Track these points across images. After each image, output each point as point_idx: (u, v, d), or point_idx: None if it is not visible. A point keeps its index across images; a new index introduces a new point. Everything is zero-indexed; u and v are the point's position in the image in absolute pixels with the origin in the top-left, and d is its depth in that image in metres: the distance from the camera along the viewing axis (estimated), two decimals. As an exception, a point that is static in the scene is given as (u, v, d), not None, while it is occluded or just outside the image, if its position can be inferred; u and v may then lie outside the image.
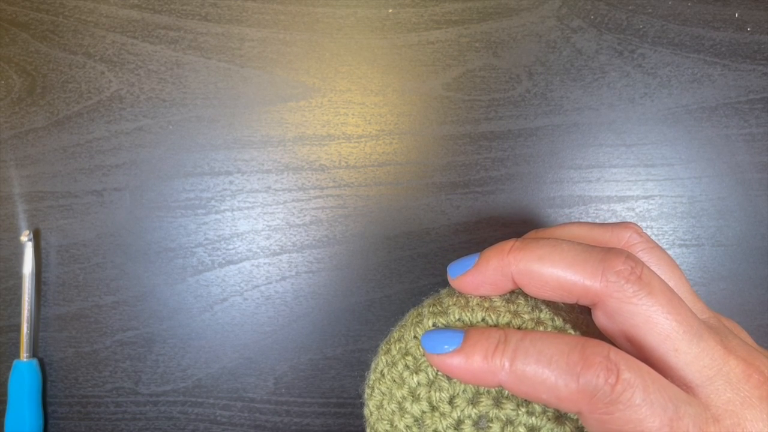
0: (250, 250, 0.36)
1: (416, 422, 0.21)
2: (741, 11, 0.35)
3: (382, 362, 0.24)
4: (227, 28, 0.36)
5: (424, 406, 0.21)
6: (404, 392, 0.22)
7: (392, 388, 0.22)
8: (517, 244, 0.20)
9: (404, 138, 0.35)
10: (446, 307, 0.22)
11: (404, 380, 0.22)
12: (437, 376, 0.21)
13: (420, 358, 0.22)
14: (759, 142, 0.35)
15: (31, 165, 0.36)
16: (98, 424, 0.36)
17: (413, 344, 0.22)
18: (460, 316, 0.22)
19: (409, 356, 0.22)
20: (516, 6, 0.35)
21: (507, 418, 0.20)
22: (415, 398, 0.21)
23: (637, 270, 0.18)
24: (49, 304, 0.36)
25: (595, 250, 0.19)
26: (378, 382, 0.24)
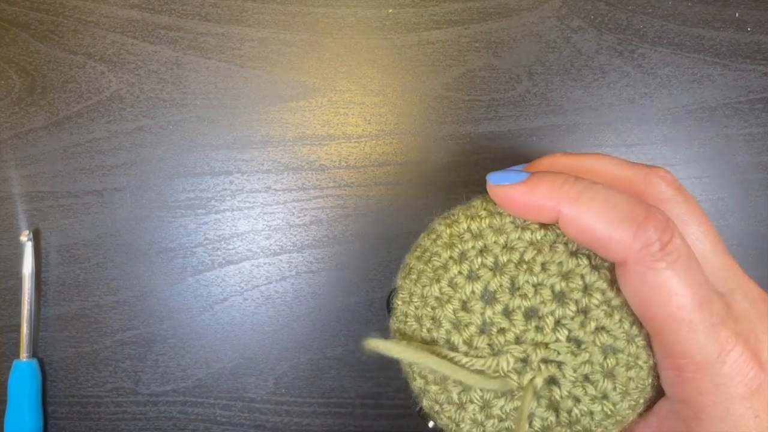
0: (250, 250, 0.36)
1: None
2: (741, 11, 0.35)
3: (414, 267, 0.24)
4: (227, 28, 0.36)
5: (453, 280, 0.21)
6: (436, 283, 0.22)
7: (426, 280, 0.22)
8: (572, 179, 0.20)
9: (404, 138, 0.35)
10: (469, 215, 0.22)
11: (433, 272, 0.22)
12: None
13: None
14: (759, 142, 0.35)
15: (31, 165, 0.36)
16: (98, 424, 0.36)
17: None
18: (487, 224, 0.22)
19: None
20: (516, 6, 0.35)
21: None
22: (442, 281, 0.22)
23: (666, 236, 0.19)
24: (49, 303, 0.36)
25: (637, 206, 0.19)
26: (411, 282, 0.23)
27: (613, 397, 0.20)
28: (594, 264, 0.20)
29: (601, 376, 0.20)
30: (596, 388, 0.20)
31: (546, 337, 0.20)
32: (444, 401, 0.22)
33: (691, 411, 0.19)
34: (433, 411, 0.23)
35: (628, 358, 0.20)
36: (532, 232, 0.21)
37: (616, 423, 0.21)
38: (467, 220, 0.22)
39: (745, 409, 0.18)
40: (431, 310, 0.22)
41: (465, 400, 0.21)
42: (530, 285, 0.20)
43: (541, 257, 0.20)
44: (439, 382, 0.22)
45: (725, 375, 0.18)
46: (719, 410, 0.19)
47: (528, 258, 0.20)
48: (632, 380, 0.20)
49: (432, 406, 0.23)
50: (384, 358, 0.35)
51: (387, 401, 0.35)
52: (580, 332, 0.20)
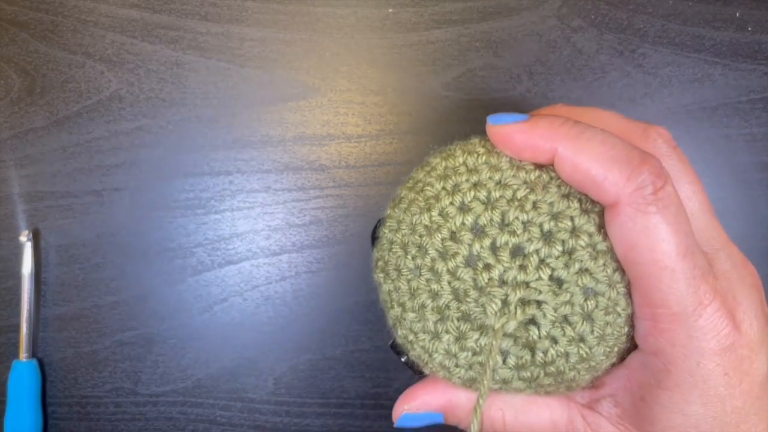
0: (249, 250, 0.36)
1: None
2: (742, 11, 0.35)
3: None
4: (227, 27, 0.36)
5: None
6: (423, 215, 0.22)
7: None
8: (571, 121, 0.20)
9: (404, 138, 0.35)
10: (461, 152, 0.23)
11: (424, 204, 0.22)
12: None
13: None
14: (759, 142, 0.35)
15: (31, 165, 0.36)
16: (98, 425, 0.36)
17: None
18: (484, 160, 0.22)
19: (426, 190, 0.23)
20: (516, 5, 0.35)
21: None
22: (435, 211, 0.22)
23: (659, 182, 0.19)
24: (49, 304, 0.36)
25: (633, 152, 0.19)
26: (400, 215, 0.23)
27: (589, 340, 0.21)
28: (584, 208, 0.21)
29: (580, 318, 0.20)
30: (574, 329, 0.20)
31: (529, 276, 0.20)
32: (419, 330, 0.22)
33: (661, 363, 0.19)
34: (407, 341, 0.23)
35: (608, 302, 0.20)
36: (527, 172, 0.21)
37: (589, 368, 0.21)
38: (464, 155, 0.23)
39: (716, 365, 0.19)
40: (419, 237, 0.22)
41: (441, 330, 0.21)
42: (520, 222, 0.20)
43: (533, 196, 0.21)
44: (417, 309, 0.22)
45: (700, 328, 0.18)
46: (689, 363, 0.19)
47: (520, 196, 0.21)
48: (609, 325, 0.21)
49: (406, 335, 0.23)
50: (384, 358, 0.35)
51: (387, 401, 0.35)
52: (564, 272, 0.20)
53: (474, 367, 0.22)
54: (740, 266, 0.21)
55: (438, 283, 0.21)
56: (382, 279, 0.24)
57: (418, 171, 0.24)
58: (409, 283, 0.22)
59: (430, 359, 0.22)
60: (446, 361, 0.22)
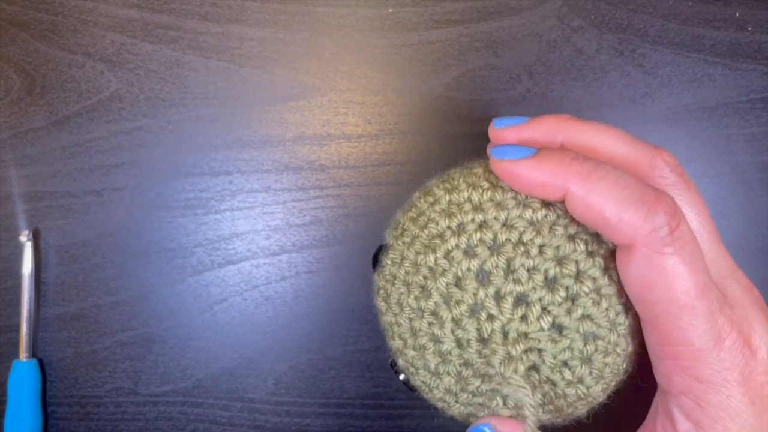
0: (249, 250, 0.36)
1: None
2: (742, 11, 0.35)
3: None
4: (227, 27, 0.36)
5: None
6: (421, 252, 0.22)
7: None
8: (581, 157, 0.20)
9: (404, 138, 0.35)
10: (461, 183, 0.22)
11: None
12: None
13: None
14: (760, 142, 0.35)
15: (31, 165, 0.36)
16: (98, 425, 0.36)
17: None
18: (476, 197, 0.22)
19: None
20: (516, 5, 0.35)
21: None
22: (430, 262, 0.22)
23: (675, 221, 0.19)
24: (49, 304, 0.36)
25: (646, 190, 0.19)
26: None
27: (587, 381, 0.21)
28: (590, 250, 0.20)
29: (579, 362, 0.20)
30: (573, 373, 0.20)
31: (530, 327, 0.20)
32: (420, 366, 0.22)
33: (692, 401, 0.19)
34: (408, 371, 0.23)
35: (608, 345, 0.20)
36: (534, 211, 0.21)
37: (587, 404, 0.21)
38: (468, 189, 0.22)
39: (741, 396, 0.19)
40: (423, 279, 0.21)
41: (442, 371, 0.21)
42: (525, 269, 0.20)
43: (540, 239, 0.20)
44: (418, 349, 0.22)
45: (722, 361, 0.18)
46: (720, 398, 0.19)
47: (526, 240, 0.20)
48: (608, 366, 0.21)
49: (407, 367, 0.23)
50: (384, 358, 0.35)
51: (387, 401, 0.35)
52: (565, 319, 0.20)
53: (474, 406, 0.22)
54: (748, 291, 0.21)
55: (441, 329, 0.21)
56: (384, 309, 0.24)
57: (420, 199, 0.24)
58: (411, 322, 0.22)
59: (430, 393, 0.23)
60: (446, 397, 0.22)
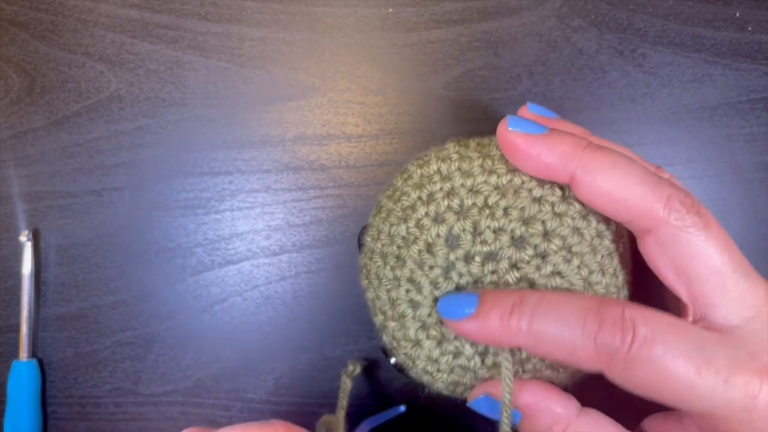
0: (249, 250, 0.36)
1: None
2: (742, 11, 0.35)
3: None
4: (227, 27, 0.36)
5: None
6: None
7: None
8: (595, 144, 0.19)
9: (404, 138, 0.35)
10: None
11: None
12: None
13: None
14: (760, 141, 0.35)
15: (31, 165, 0.36)
16: (98, 425, 0.36)
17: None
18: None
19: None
20: (516, 5, 0.35)
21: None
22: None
23: (697, 204, 0.19)
24: (49, 304, 0.36)
25: (661, 178, 0.19)
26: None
27: None
28: (557, 212, 0.21)
29: None
30: None
31: (500, 280, 0.21)
32: (401, 338, 0.23)
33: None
34: (392, 347, 0.24)
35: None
36: (499, 176, 0.22)
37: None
38: (437, 162, 0.23)
39: None
40: (397, 248, 0.22)
41: (422, 337, 0.22)
42: (491, 231, 0.21)
43: (504, 201, 0.21)
44: (397, 318, 0.22)
45: (760, 420, 0.17)
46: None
47: (491, 203, 0.21)
48: None
49: (390, 342, 0.24)
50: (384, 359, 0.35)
51: (387, 401, 0.35)
52: (535, 275, 0.21)
53: (456, 371, 0.22)
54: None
55: (418, 293, 0.22)
56: (366, 285, 0.25)
57: (397, 178, 0.25)
58: (389, 292, 0.23)
59: (413, 365, 0.23)
60: (429, 367, 0.22)
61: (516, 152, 0.21)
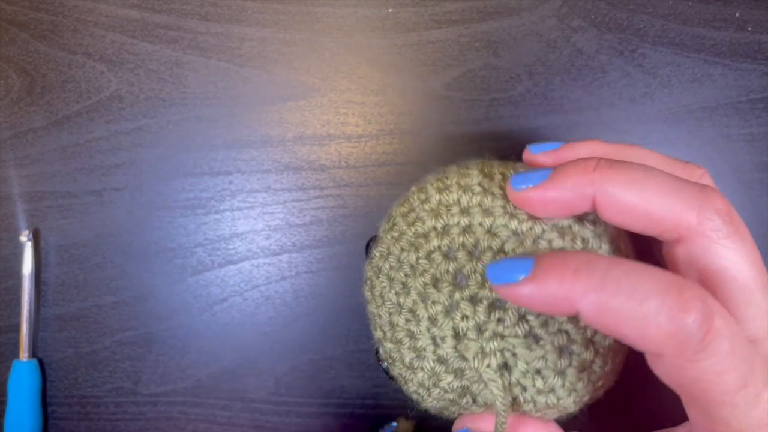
0: (249, 250, 0.36)
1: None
2: (742, 11, 0.35)
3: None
4: (227, 27, 0.36)
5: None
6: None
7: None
8: (604, 162, 0.18)
9: (404, 138, 0.35)
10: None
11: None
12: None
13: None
14: (760, 142, 0.35)
15: (31, 165, 0.36)
16: (98, 425, 0.36)
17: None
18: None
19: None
20: (516, 5, 0.35)
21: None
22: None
23: (732, 211, 0.17)
24: (49, 304, 0.36)
25: (690, 182, 0.18)
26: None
27: (559, 392, 0.21)
28: None
29: (552, 372, 0.20)
30: (545, 382, 0.20)
31: (506, 331, 0.20)
32: (397, 359, 0.22)
33: None
34: (387, 361, 0.24)
35: (583, 361, 0.20)
36: (519, 221, 0.21)
37: (557, 412, 0.21)
38: (459, 191, 0.22)
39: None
40: (404, 276, 0.22)
41: (416, 366, 0.22)
42: None
43: (521, 250, 0.20)
44: (395, 342, 0.22)
45: None
46: None
47: (508, 249, 0.20)
48: (582, 381, 0.21)
49: (387, 357, 0.23)
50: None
51: (387, 401, 0.35)
52: (541, 330, 0.20)
53: (444, 402, 0.22)
54: None
55: (417, 325, 0.21)
56: (369, 298, 0.24)
57: (413, 195, 0.24)
58: (391, 315, 0.22)
59: (406, 385, 0.23)
60: (420, 391, 0.22)
61: (532, 207, 0.20)
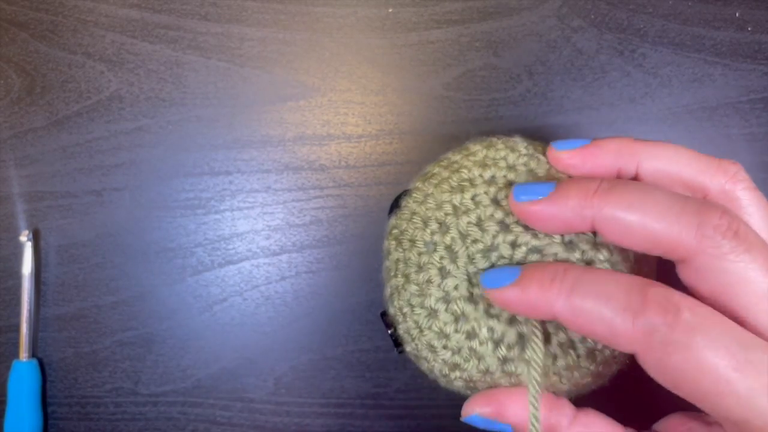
0: (249, 250, 0.36)
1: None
2: (742, 11, 0.35)
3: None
4: (227, 27, 0.36)
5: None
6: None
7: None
8: (604, 185, 0.19)
9: (404, 138, 0.35)
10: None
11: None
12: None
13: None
14: (760, 142, 0.35)
15: (31, 165, 0.36)
16: (98, 425, 0.36)
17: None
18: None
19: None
20: (516, 5, 0.35)
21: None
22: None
23: (734, 225, 0.17)
24: (49, 304, 0.36)
25: (690, 201, 0.18)
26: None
27: (579, 349, 0.21)
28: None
29: (583, 346, 0.21)
30: (576, 354, 0.21)
31: None
32: (418, 304, 0.22)
33: None
34: (400, 313, 0.23)
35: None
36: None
37: (572, 377, 0.22)
38: (506, 150, 0.23)
39: None
40: (444, 215, 0.22)
41: (440, 308, 0.22)
42: None
43: None
44: (421, 283, 0.22)
45: None
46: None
47: None
48: (594, 359, 0.21)
49: (402, 306, 0.23)
50: (384, 358, 0.35)
51: (387, 401, 0.35)
52: None
53: (462, 352, 0.22)
54: None
55: (452, 262, 0.22)
56: (393, 247, 0.24)
57: (454, 154, 0.25)
58: (420, 256, 0.22)
59: (420, 335, 0.23)
60: (435, 341, 0.22)
61: (531, 221, 0.20)
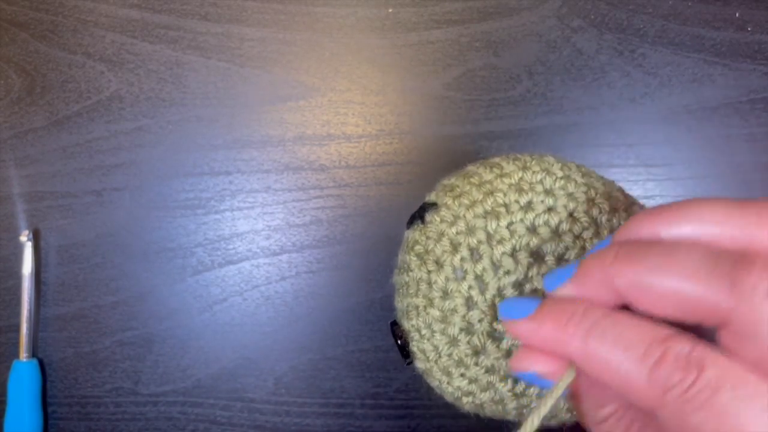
0: (249, 250, 0.36)
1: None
2: (741, 11, 0.35)
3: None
4: (227, 27, 0.36)
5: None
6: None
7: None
8: (622, 251, 0.17)
9: (404, 138, 0.35)
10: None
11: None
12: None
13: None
14: (760, 142, 0.35)
15: (31, 165, 0.36)
16: (98, 425, 0.36)
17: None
18: None
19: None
20: (516, 5, 0.35)
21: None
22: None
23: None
24: (49, 304, 0.36)
25: (722, 256, 0.16)
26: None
27: None
28: None
29: None
30: None
31: None
32: (439, 330, 0.22)
33: None
34: (417, 332, 0.23)
35: None
36: (601, 212, 0.21)
37: None
38: (542, 172, 0.22)
39: None
40: (477, 242, 0.21)
41: (463, 339, 0.21)
42: (576, 259, 0.20)
43: (597, 240, 0.21)
44: (444, 310, 0.21)
45: None
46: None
47: (586, 236, 0.21)
48: None
49: (419, 327, 0.22)
50: (384, 358, 0.35)
51: (387, 401, 0.35)
52: None
53: (479, 382, 0.21)
54: None
55: (481, 294, 0.21)
56: (415, 264, 0.23)
57: (484, 170, 0.23)
58: (447, 282, 0.22)
59: (438, 359, 0.22)
60: (453, 368, 0.22)
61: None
